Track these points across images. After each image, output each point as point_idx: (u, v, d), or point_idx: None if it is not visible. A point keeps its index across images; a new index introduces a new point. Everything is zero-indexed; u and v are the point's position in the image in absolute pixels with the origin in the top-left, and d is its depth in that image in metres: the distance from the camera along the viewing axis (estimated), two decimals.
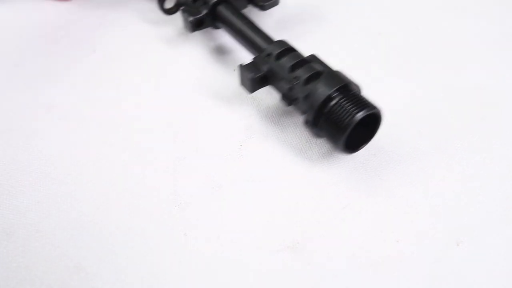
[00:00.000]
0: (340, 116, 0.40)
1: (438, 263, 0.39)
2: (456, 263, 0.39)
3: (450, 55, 0.56)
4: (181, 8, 0.55)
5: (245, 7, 0.56)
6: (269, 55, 0.46)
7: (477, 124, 0.49)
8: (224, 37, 0.54)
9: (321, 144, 0.47)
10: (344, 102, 0.41)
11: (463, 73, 0.54)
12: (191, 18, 0.52)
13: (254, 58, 0.47)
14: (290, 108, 0.48)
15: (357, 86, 0.43)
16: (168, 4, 0.56)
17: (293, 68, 0.44)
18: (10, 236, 0.41)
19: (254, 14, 0.60)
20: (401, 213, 0.42)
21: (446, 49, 0.57)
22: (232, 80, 0.49)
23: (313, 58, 0.46)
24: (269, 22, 0.61)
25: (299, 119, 0.49)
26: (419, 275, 0.38)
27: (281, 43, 0.46)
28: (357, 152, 0.45)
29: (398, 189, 0.44)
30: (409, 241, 0.40)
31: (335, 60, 0.49)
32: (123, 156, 0.47)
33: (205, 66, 0.56)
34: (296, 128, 0.49)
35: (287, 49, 0.46)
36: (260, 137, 0.48)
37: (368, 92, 0.45)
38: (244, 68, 0.46)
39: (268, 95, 0.50)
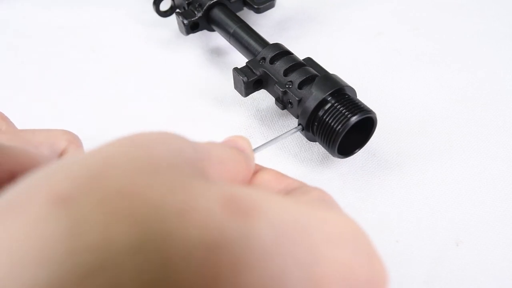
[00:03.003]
0: (333, 122, 0.40)
1: (437, 263, 0.39)
2: (455, 263, 0.39)
3: (450, 55, 0.56)
4: (176, 11, 0.55)
5: (240, 9, 0.56)
6: (263, 58, 0.46)
7: (477, 124, 0.49)
8: (222, 38, 0.54)
9: (320, 145, 0.47)
10: (337, 107, 0.40)
11: (463, 73, 0.54)
12: (185, 21, 0.52)
13: (248, 62, 0.46)
14: None
15: (352, 90, 0.43)
16: (164, 7, 0.56)
17: (287, 72, 0.44)
18: None
19: (251, 16, 0.60)
20: (401, 213, 0.42)
21: (446, 49, 0.57)
22: (230, 81, 0.48)
23: (308, 61, 0.46)
24: (266, 25, 0.60)
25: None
26: (418, 275, 0.38)
27: (276, 46, 0.46)
28: (357, 152, 0.45)
29: (397, 189, 0.44)
30: (409, 241, 0.40)
31: (334, 61, 0.49)
32: None
33: (203, 68, 0.56)
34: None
35: (281, 53, 0.45)
36: (260, 137, 0.48)
37: (367, 93, 0.45)
38: (237, 72, 0.46)
39: (268, 95, 0.50)
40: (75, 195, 0.17)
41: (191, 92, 0.53)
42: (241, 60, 0.53)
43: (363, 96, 0.44)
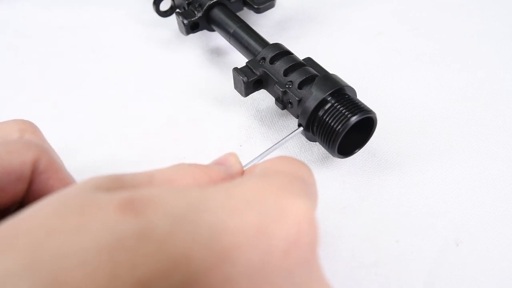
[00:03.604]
0: (333, 122, 0.40)
1: (437, 263, 0.39)
2: (455, 263, 0.39)
3: (450, 55, 0.56)
4: (176, 11, 0.55)
5: (240, 9, 0.56)
6: (263, 58, 0.46)
7: (477, 124, 0.49)
8: (222, 38, 0.54)
9: (320, 145, 0.47)
10: (337, 107, 0.40)
11: (463, 73, 0.54)
12: (185, 21, 0.52)
13: (248, 62, 0.46)
14: None
15: (352, 90, 0.43)
16: (164, 7, 0.56)
17: (287, 72, 0.44)
18: None
19: (251, 16, 0.60)
20: (401, 213, 0.42)
21: (446, 49, 0.57)
22: (230, 81, 0.49)
23: (308, 61, 0.46)
24: (266, 25, 0.60)
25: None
26: (419, 275, 0.38)
27: (276, 46, 0.46)
28: (357, 152, 0.45)
29: (397, 189, 0.44)
30: (409, 241, 0.40)
31: (334, 61, 0.49)
32: (123, 157, 0.47)
33: (203, 68, 0.56)
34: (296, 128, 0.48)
35: (281, 53, 0.45)
36: (260, 137, 0.48)
37: (367, 93, 0.45)
38: (237, 72, 0.46)
39: (268, 96, 0.50)
40: None
41: (191, 92, 0.53)
42: (241, 60, 0.53)
43: (363, 96, 0.44)
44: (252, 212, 0.22)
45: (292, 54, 0.46)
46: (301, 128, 0.43)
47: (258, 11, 0.54)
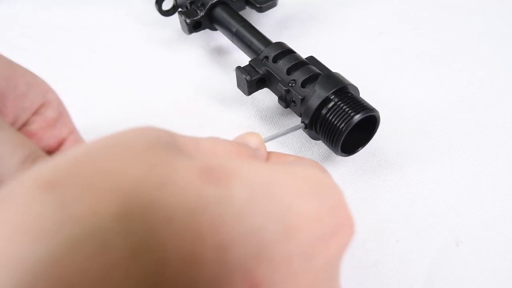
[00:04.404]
0: (336, 120, 0.40)
1: (437, 263, 0.39)
2: (455, 263, 0.39)
3: (451, 55, 0.56)
4: (178, 10, 0.55)
5: (243, 8, 0.56)
6: (266, 57, 0.46)
7: (477, 124, 0.49)
8: (223, 37, 0.54)
9: (321, 144, 0.47)
10: (340, 105, 0.40)
11: (464, 72, 0.54)
12: (188, 20, 0.52)
13: (251, 61, 0.46)
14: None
15: (355, 88, 0.43)
16: (166, 6, 0.56)
17: (290, 70, 0.44)
18: None
19: (253, 15, 0.60)
20: (401, 213, 0.42)
21: (447, 49, 0.57)
22: (231, 80, 0.49)
23: (311, 60, 0.46)
24: (268, 24, 0.61)
25: (299, 119, 0.48)
26: (419, 275, 0.38)
27: (278, 45, 0.46)
28: (356, 152, 0.45)
29: (397, 189, 0.44)
30: (409, 241, 0.40)
31: (335, 60, 0.49)
32: None
33: (204, 67, 0.56)
34: None
35: (284, 51, 0.45)
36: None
37: (368, 92, 0.45)
38: (240, 70, 0.46)
39: (268, 95, 0.51)
40: (60, 179, 0.19)
41: (192, 91, 0.53)
42: (243, 59, 0.53)
43: (364, 96, 0.44)
44: (314, 200, 0.23)
45: (295, 52, 0.46)
46: (303, 124, 0.43)
47: (260, 10, 0.54)
